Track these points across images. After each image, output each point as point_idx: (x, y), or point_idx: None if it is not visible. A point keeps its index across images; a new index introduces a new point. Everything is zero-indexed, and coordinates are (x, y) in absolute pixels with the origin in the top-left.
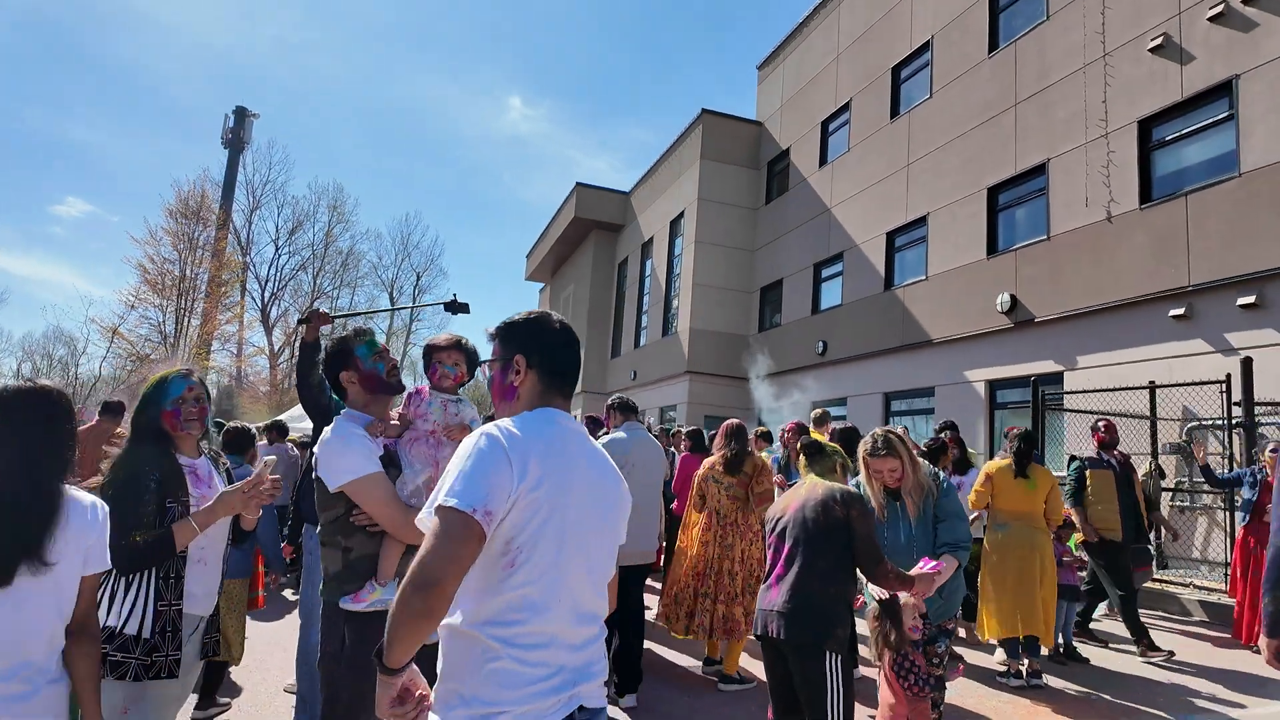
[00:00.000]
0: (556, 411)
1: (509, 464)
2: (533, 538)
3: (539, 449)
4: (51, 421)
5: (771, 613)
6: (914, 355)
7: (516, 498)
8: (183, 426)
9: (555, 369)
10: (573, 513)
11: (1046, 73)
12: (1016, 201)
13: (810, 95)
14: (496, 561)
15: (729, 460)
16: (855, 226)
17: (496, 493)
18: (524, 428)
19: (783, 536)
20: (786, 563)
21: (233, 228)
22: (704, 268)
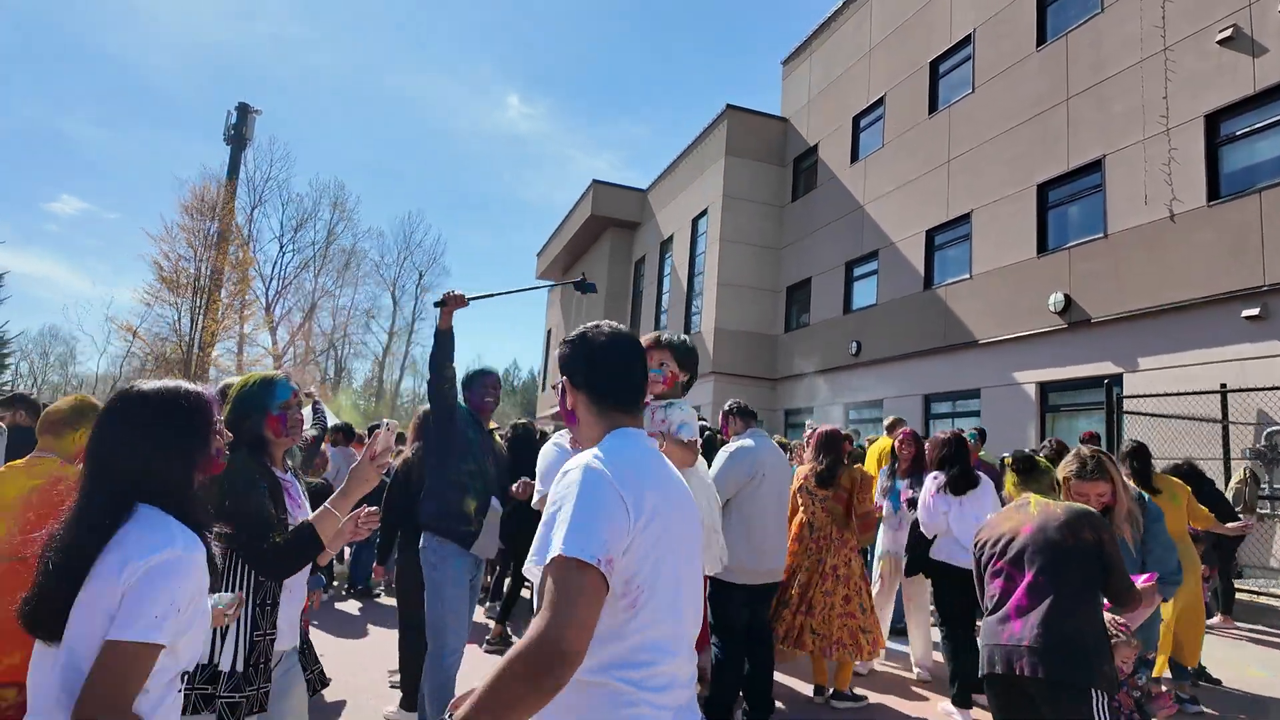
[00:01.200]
0: (632, 431)
1: (621, 500)
2: (651, 576)
3: (647, 478)
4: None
5: (1017, 648)
6: (957, 356)
7: (634, 536)
8: (287, 433)
9: (598, 388)
10: (679, 544)
11: (1101, 66)
12: (1069, 199)
13: (840, 90)
14: (617, 603)
15: (820, 475)
16: (891, 224)
17: (615, 536)
18: (621, 455)
19: (1019, 562)
20: (1032, 593)
21: (237, 226)
22: (729, 266)
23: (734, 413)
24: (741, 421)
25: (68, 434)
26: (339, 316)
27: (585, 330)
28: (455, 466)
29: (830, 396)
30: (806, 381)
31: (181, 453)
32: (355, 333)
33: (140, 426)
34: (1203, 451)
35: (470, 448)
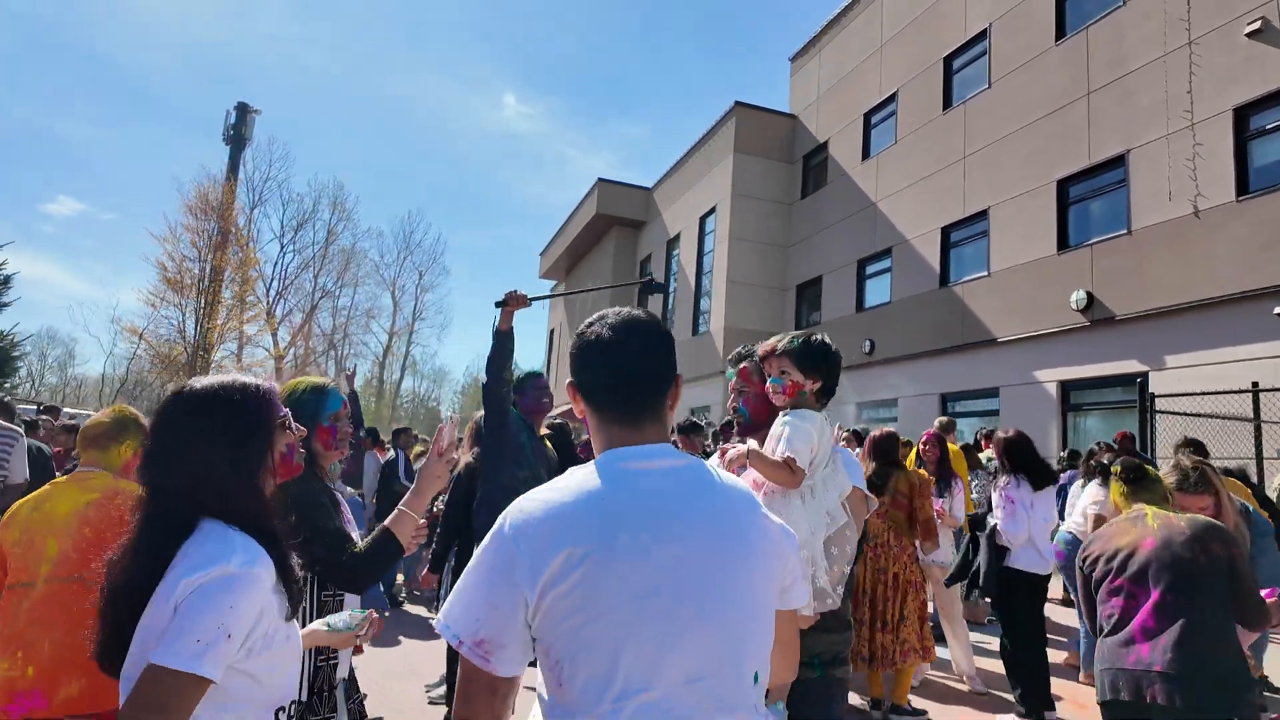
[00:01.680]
0: (622, 453)
1: (514, 563)
2: (571, 647)
3: (567, 527)
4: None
5: (1147, 674)
6: (975, 354)
7: (537, 603)
8: (337, 445)
9: (591, 396)
10: (642, 603)
11: (1123, 61)
12: (1091, 194)
13: (851, 87)
14: (550, 677)
15: (870, 482)
16: (905, 221)
17: (497, 611)
18: (558, 493)
19: (1142, 580)
20: (1160, 613)
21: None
22: (738, 264)
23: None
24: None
25: (112, 447)
26: (339, 317)
27: (591, 321)
28: (510, 473)
29: (842, 396)
30: None
31: (243, 456)
32: (355, 333)
33: (195, 430)
34: (1234, 451)
35: (524, 453)
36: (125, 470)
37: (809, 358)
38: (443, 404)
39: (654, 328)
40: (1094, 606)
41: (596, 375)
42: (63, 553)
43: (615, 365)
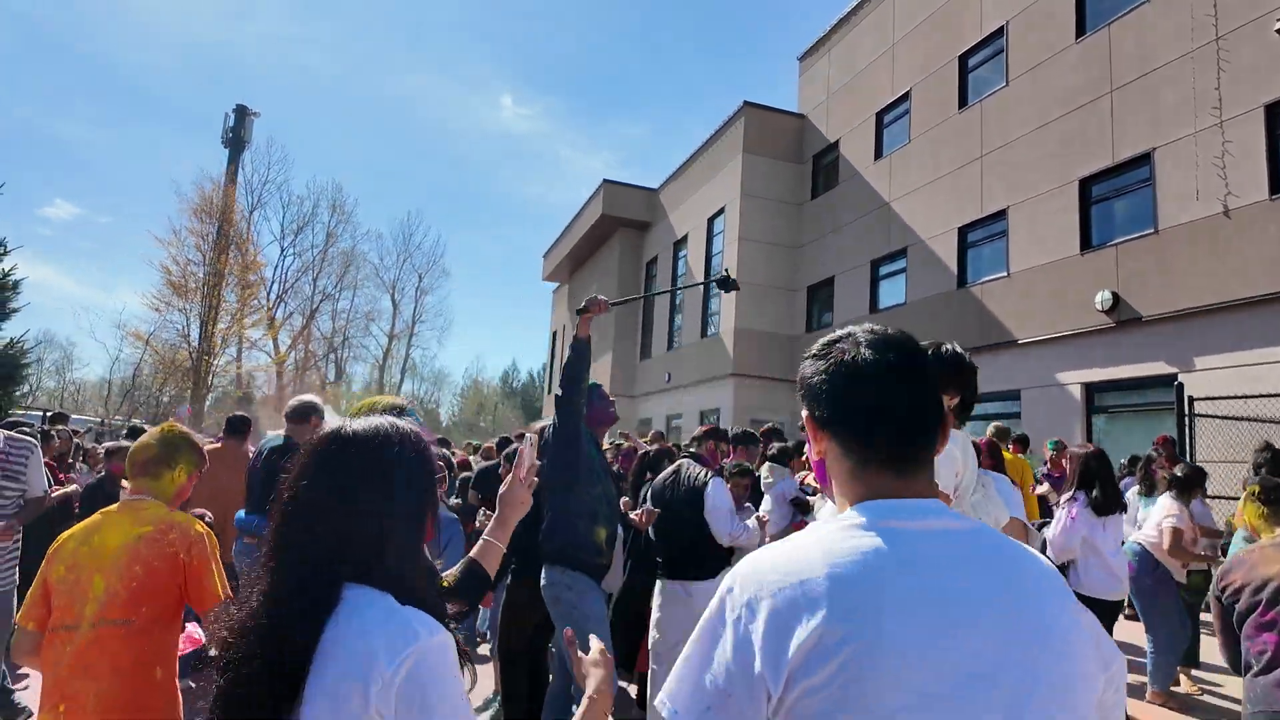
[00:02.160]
0: (887, 508)
1: (749, 640)
2: None
3: (819, 599)
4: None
5: None
6: (994, 356)
7: (781, 695)
8: None
9: (854, 431)
10: (922, 713)
11: (1147, 58)
12: (1115, 193)
13: (862, 86)
14: None
15: None
16: (920, 221)
17: (731, 701)
18: (798, 557)
19: None
20: None
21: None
22: (748, 265)
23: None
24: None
25: (164, 473)
26: (338, 320)
27: (836, 338)
28: (585, 490)
29: None
30: None
31: (419, 516)
32: (355, 336)
33: (370, 485)
34: None
35: (595, 469)
36: (178, 496)
37: (949, 371)
38: (442, 406)
39: (919, 349)
40: (1234, 640)
41: (856, 408)
42: (111, 592)
43: (882, 397)
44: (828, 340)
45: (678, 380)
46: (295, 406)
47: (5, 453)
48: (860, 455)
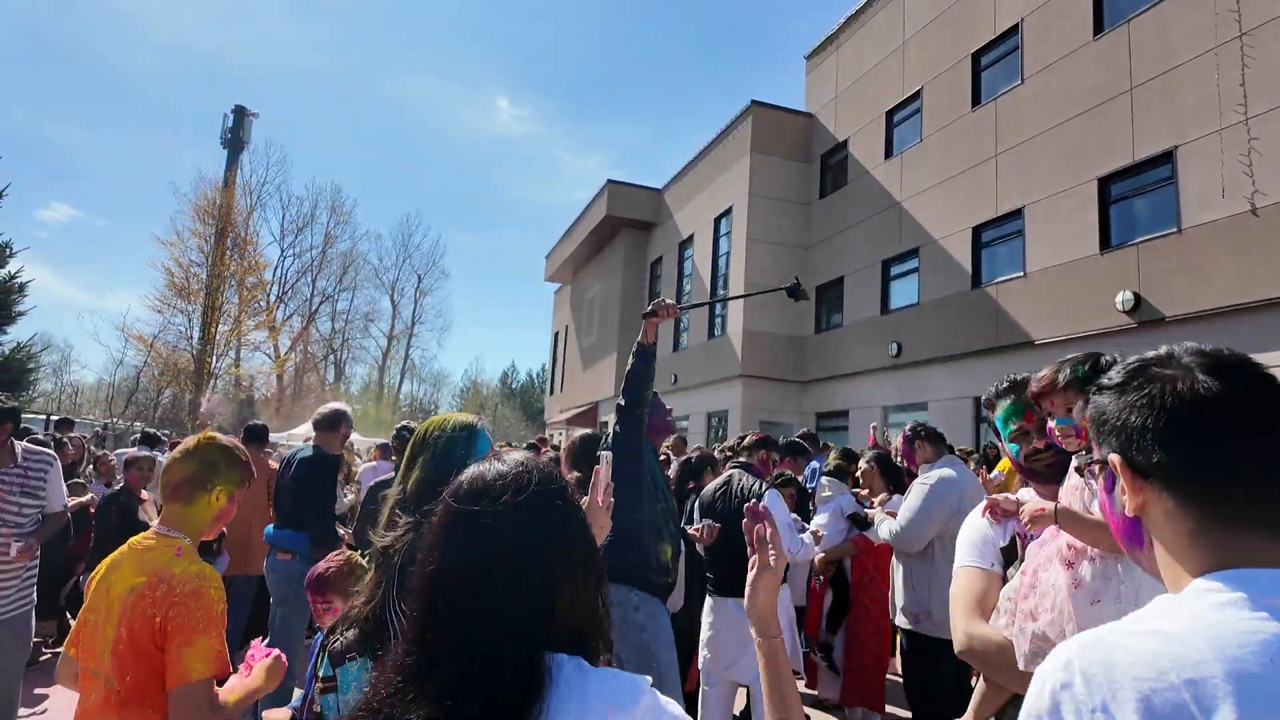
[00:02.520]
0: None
1: None
2: None
3: (1210, 700)
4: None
5: None
6: (1011, 357)
7: None
8: None
9: (1199, 483)
10: None
11: (1169, 55)
12: (1135, 192)
13: (872, 84)
14: None
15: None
16: (933, 221)
17: None
18: (1175, 649)
19: None
20: None
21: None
22: (755, 265)
23: (922, 436)
24: (932, 448)
25: (199, 498)
26: (337, 321)
27: (1149, 361)
28: (649, 506)
29: (868, 399)
30: (840, 384)
31: (593, 567)
32: (354, 337)
33: (553, 541)
34: None
35: (657, 483)
36: (217, 521)
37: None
38: (441, 407)
39: (1270, 376)
40: None
41: (1202, 453)
42: (114, 645)
43: (1239, 436)
44: (1136, 366)
45: (684, 381)
46: (324, 415)
47: (24, 467)
48: (1208, 512)
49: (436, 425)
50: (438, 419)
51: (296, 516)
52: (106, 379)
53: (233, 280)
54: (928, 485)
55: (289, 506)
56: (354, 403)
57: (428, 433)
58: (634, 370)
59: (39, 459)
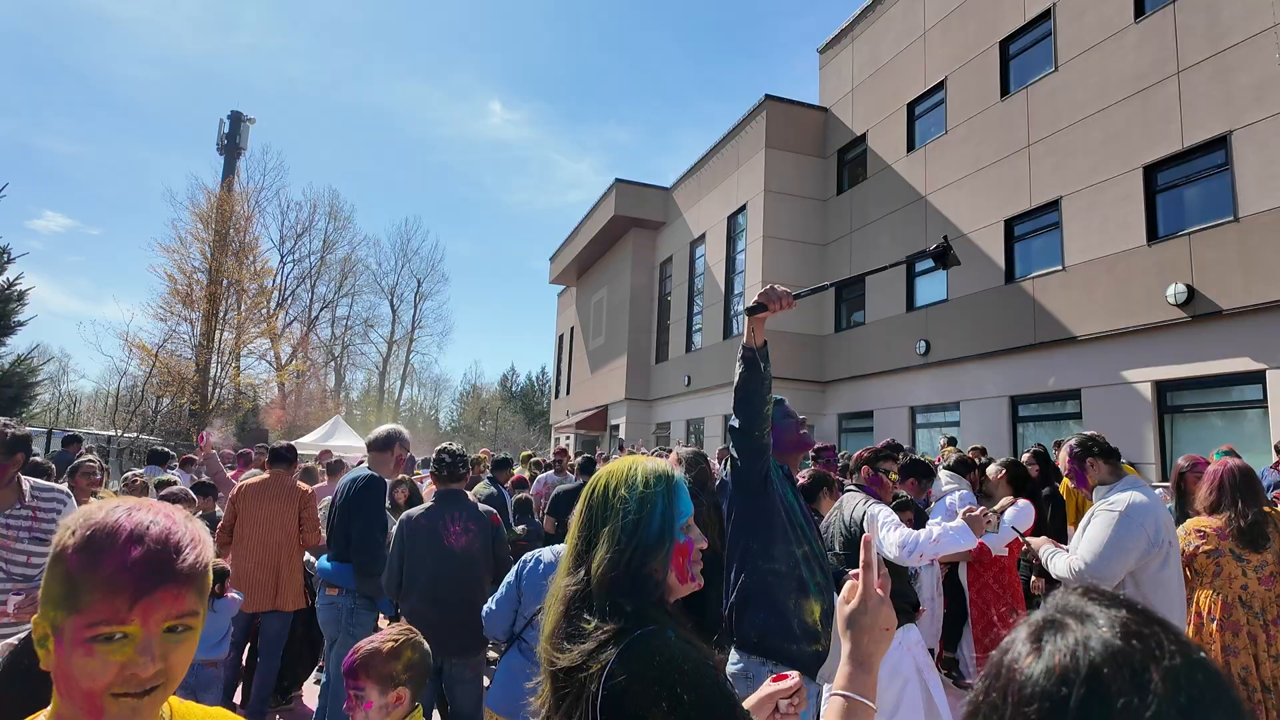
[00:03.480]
0: None
1: None
2: None
3: None
4: None
5: None
6: (1050, 354)
7: None
8: (692, 576)
9: None
10: None
11: (1220, 36)
12: (1185, 180)
13: (891, 76)
14: None
15: (1246, 532)
16: (962, 214)
17: None
18: None
19: None
20: None
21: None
22: (773, 264)
23: (1095, 453)
24: (1107, 465)
25: None
26: (337, 327)
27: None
28: (785, 552)
29: (895, 399)
30: (863, 384)
31: None
32: (354, 343)
33: None
34: None
35: (796, 520)
36: None
37: None
38: (440, 412)
39: None
40: None
41: None
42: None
43: None
44: None
45: (699, 383)
46: (377, 436)
47: (33, 508)
48: None
49: (619, 480)
50: (618, 470)
51: (342, 546)
52: (104, 388)
53: (236, 286)
54: (1115, 512)
55: (340, 536)
56: (354, 409)
57: (609, 493)
58: (744, 383)
59: (50, 498)
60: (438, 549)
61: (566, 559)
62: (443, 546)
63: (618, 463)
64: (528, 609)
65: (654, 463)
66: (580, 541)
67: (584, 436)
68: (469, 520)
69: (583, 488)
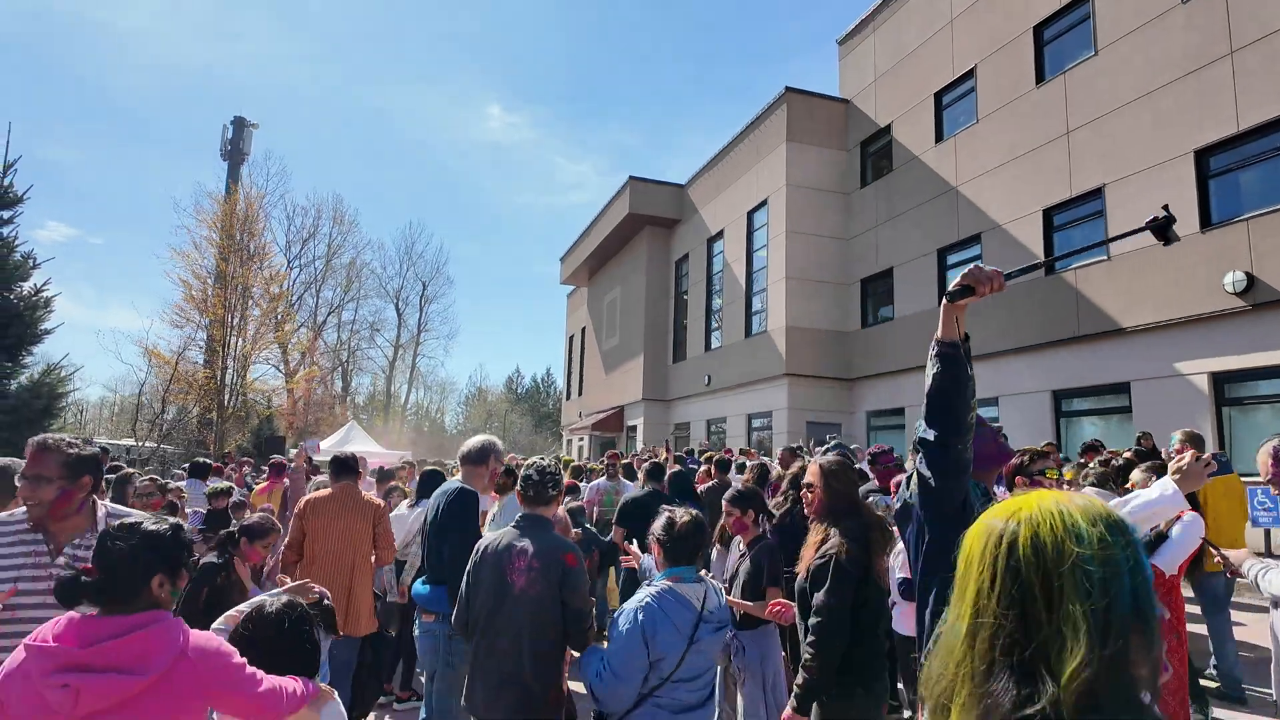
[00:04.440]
0: None
1: None
2: None
3: None
4: None
5: None
6: (1095, 347)
7: None
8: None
9: None
10: None
11: (1272, 17)
12: (1240, 164)
13: (916, 66)
14: None
15: None
16: (997, 205)
17: None
18: None
19: None
20: None
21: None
22: (796, 259)
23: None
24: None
25: None
26: (343, 332)
27: None
28: None
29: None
30: (892, 380)
31: None
32: (360, 347)
33: None
34: None
35: None
36: None
37: None
38: (447, 415)
39: None
40: None
41: None
42: None
43: None
44: None
45: (720, 383)
46: (471, 449)
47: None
48: None
49: (1061, 530)
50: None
51: (437, 567)
52: (111, 395)
53: (253, 291)
54: None
55: (435, 555)
56: (359, 414)
57: (1056, 551)
58: (943, 385)
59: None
60: (500, 585)
61: (968, 656)
62: (505, 583)
63: (1029, 500)
64: (665, 666)
65: (1092, 505)
66: (1008, 630)
67: (600, 438)
68: (534, 556)
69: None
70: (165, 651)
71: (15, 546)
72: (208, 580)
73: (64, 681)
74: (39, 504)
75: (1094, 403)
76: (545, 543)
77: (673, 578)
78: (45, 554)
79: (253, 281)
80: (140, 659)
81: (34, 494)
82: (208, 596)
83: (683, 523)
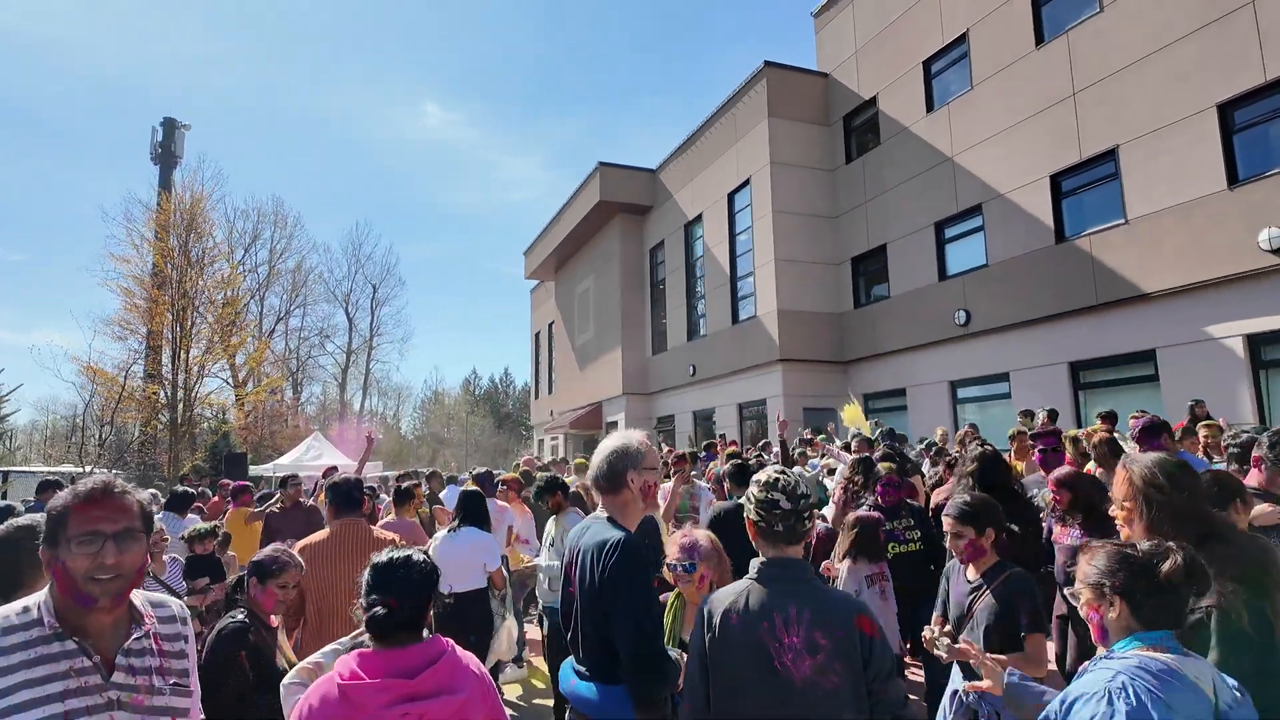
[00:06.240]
0: None
1: None
2: None
3: None
4: None
5: None
6: (1114, 314)
7: None
8: None
9: None
10: None
11: None
12: (1268, 117)
13: (900, 34)
14: None
15: None
16: (997, 174)
17: None
18: None
19: None
20: None
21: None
22: (784, 240)
23: None
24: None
25: None
26: (291, 340)
27: None
28: None
29: (931, 374)
30: (891, 361)
31: None
32: (310, 355)
33: None
34: None
35: None
36: None
37: None
38: (404, 422)
39: None
40: None
41: None
42: None
43: None
44: None
45: (706, 372)
46: (600, 469)
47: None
48: None
49: None
50: None
51: (604, 660)
52: (42, 419)
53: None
54: None
55: (590, 636)
56: (313, 423)
57: None
58: None
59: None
60: (765, 676)
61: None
62: (771, 671)
63: None
64: None
65: None
66: None
67: (576, 436)
68: (813, 625)
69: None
70: (468, 670)
71: (40, 665)
72: (242, 645)
73: (404, 711)
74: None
75: (1115, 373)
76: (823, 601)
77: (1155, 647)
78: (90, 668)
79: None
80: (454, 679)
81: (119, 561)
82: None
83: (1172, 566)
